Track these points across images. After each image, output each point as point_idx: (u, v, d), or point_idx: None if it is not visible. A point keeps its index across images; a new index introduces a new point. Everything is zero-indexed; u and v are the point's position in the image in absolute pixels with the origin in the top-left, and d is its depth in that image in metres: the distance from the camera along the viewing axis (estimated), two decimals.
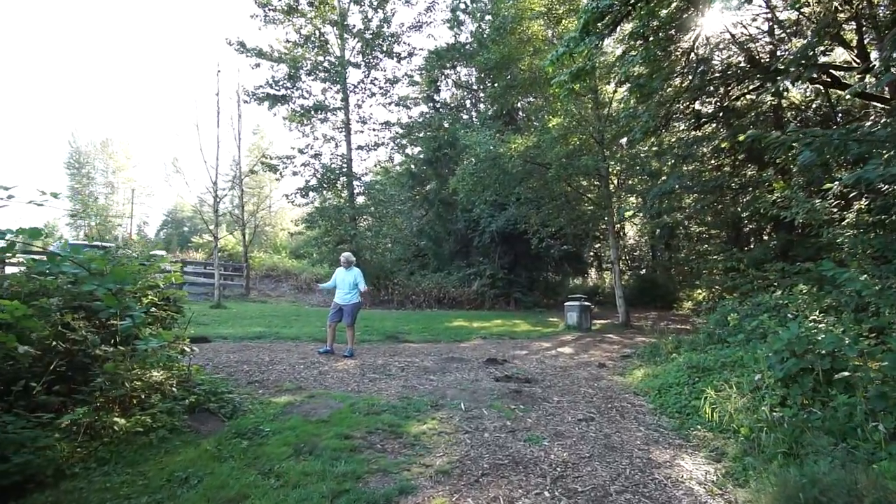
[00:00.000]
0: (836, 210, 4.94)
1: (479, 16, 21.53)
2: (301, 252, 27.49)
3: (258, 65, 20.17)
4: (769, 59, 11.61)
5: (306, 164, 20.89)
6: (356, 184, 21.36)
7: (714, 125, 13.27)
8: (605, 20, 7.74)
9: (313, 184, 20.81)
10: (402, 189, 24.71)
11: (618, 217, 15.34)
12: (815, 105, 13.47)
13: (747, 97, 13.07)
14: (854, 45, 11.44)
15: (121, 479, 2.84)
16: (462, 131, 15.90)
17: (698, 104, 12.32)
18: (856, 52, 11.41)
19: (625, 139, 14.98)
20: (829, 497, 2.23)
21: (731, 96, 12.38)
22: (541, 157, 13.50)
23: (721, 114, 12.65)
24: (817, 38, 7.35)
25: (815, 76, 11.56)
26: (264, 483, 2.92)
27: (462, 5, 22.69)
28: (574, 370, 6.87)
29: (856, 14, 10.23)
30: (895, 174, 3.96)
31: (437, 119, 23.04)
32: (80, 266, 3.05)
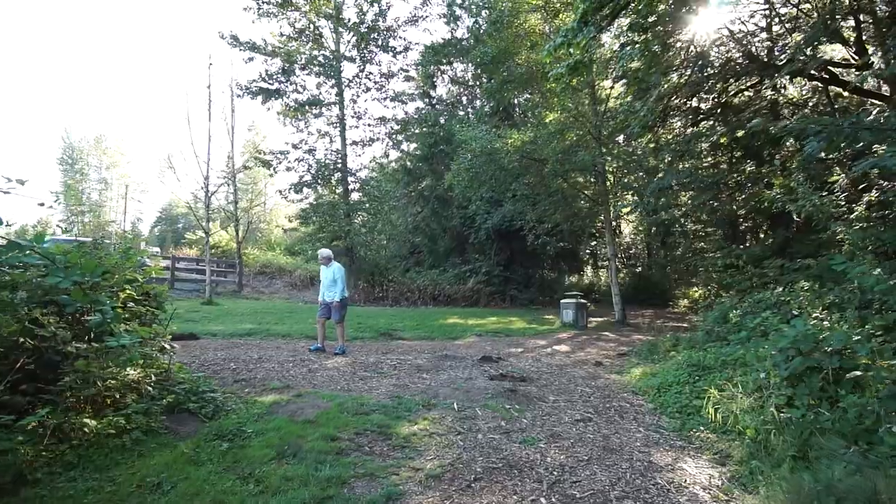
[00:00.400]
0: (844, 204, 4.78)
1: (476, 10, 21.29)
2: (296, 249, 27.24)
3: (251, 59, 19.90)
4: (767, 55, 11.51)
5: (300, 160, 20.63)
6: (351, 179, 21.12)
7: (711, 122, 13.14)
8: (604, 11, 7.58)
9: (307, 179, 20.55)
10: (397, 185, 24.49)
11: (615, 213, 15.19)
12: (812, 102, 13.37)
13: (745, 94, 12.96)
14: (851, 41, 11.36)
15: (87, 486, 2.65)
16: (458, 126, 15.71)
17: (696, 101, 12.20)
18: (854, 48, 11.33)
19: (621, 137, 14.89)
20: None
21: (728, 93, 12.27)
22: (537, 152, 13.33)
23: (718, 110, 12.54)
24: (819, 31, 7.20)
25: (813, 73, 11.48)
26: (242, 489, 2.74)
27: (458, 0, 22.47)
28: (570, 368, 6.71)
29: (854, 10, 10.13)
30: None
31: (433, 115, 22.82)
32: (45, 257, 2.85)
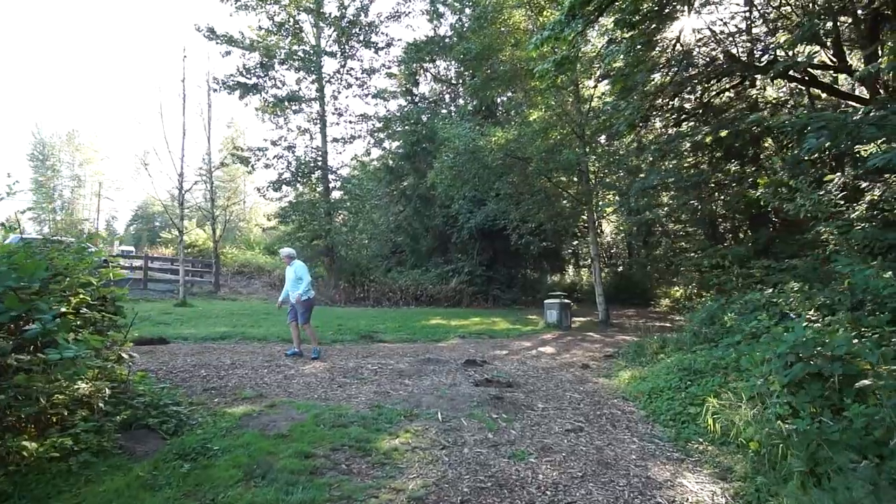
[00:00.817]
0: (843, 203, 4.68)
1: (459, 7, 21.07)
2: (275, 248, 26.70)
3: (229, 52, 19.32)
4: (747, 56, 11.56)
5: (279, 157, 20.13)
6: (331, 177, 20.70)
7: (693, 122, 13.17)
8: (591, 5, 7.43)
9: (287, 177, 20.06)
10: (379, 184, 24.12)
11: (598, 213, 15.12)
12: (790, 104, 13.50)
13: (726, 94, 13.02)
14: (829, 44, 11.47)
15: None
16: (440, 124, 15.47)
17: (678, 101, 12.20)
18: (832, 50, 11.44)
19: (603, 137, 14.82)
20: None
21: (710, 93, 12.31)
22: (521, 150, 13.17)
23: (700, 111, 12.58)
24: (806, 30, 7.16)
25: (793, 74, 11.57)
26: None
27: None
28: (557, 372, 6.53)
29: (833, 13, 10.22)
30: None
31: (416, 112, 22.53)
32: None
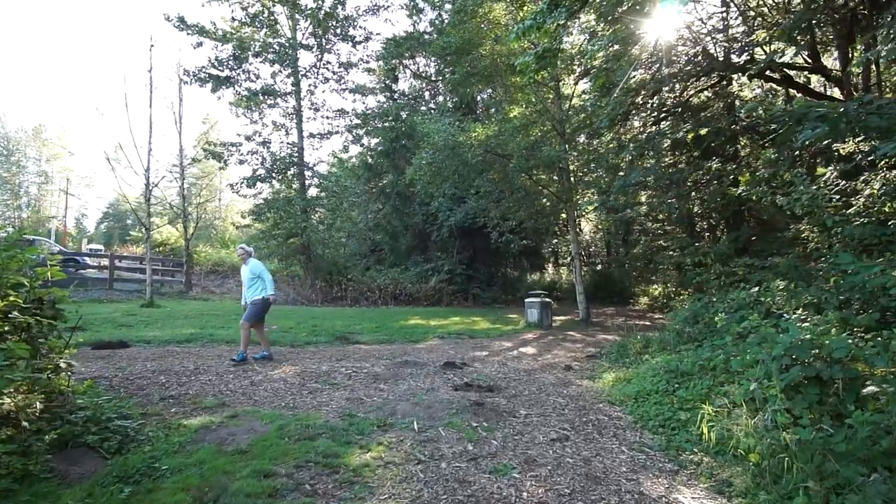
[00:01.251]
0: (838, 197, 4.55)
1: (439, 3, 20.75)
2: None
3: (200, 43, 18.65)
4: (724, 56, 11.59)
5: (253, 153, 19.57)
6: (308, 174, 20.19)
7: (672, 121, 13.19)
8: None
9: (261, 173, 19.48)
10: (357, 181, 23.68)
11: (580, 210, 15.01)
12: (765, 103, 13.65)
13: (704, 94, 13.07)
14: (803, 43, 11.57)
15: None
16: (419, 119, 15.15)
17: (657, 99, 12.18)
18: (807, 51, 11.53)
19: (583, 136, 14.72)
20: None
21: (689, 92, 12.35)
22: (502, 147, 12.95)
23: (679, 109, 12.60)
24: (791, 27, 7.10)
25: (770, 74, 11.65)
26: None
27: None
28: (539, 374, 6.31)
29: (809, 13, 10.29)
30: None
31: (395, 109, 22.14)
32: None
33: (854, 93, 10.22)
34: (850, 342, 3.30)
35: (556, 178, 16.16)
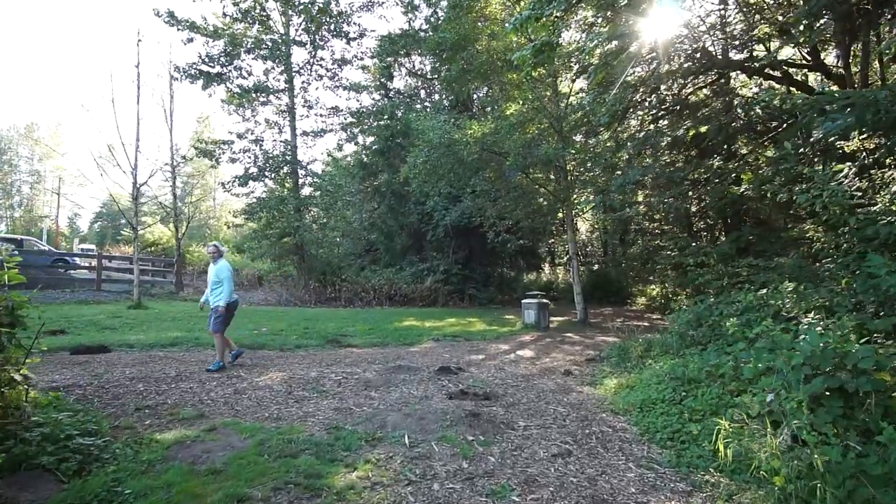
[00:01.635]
0: (860, 195, 4.31)
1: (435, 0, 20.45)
2: (244, 246, 25.72)
3: (191, 39, 18.27)
4: (722, 54, 11.40)
5: (246, 151, 19.22)
6: (301, 172, 19.87)
7: (671, 119, 13.00)
8: None
9: (253, 172, 19.14)
10: (352, 180, 23.38)
11: (578, 209, 14.77)
12: (762, 102, 13.46)
13: (702, 92, 12.87)
14: (802, 41, 11.39)
15: None
16: (414, 115, 14.86)
17: (656, 97, 12.00)
18: (807, 49, 11.35)
19: (580, 136, 14.49)
20: None
21: (688, 89, 12.17)
22: (498, 144, 12.69)
23: (678, 107, 12.42)
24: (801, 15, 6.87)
25: (769, 72, 11.46)
26: None
27: None
28: (538, 379, 6.05)
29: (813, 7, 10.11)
30: None
31: (390, 107, 21.84)
32: None
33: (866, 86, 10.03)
34: (881, 351, 3.07)
35: (552, 176, 15.94)
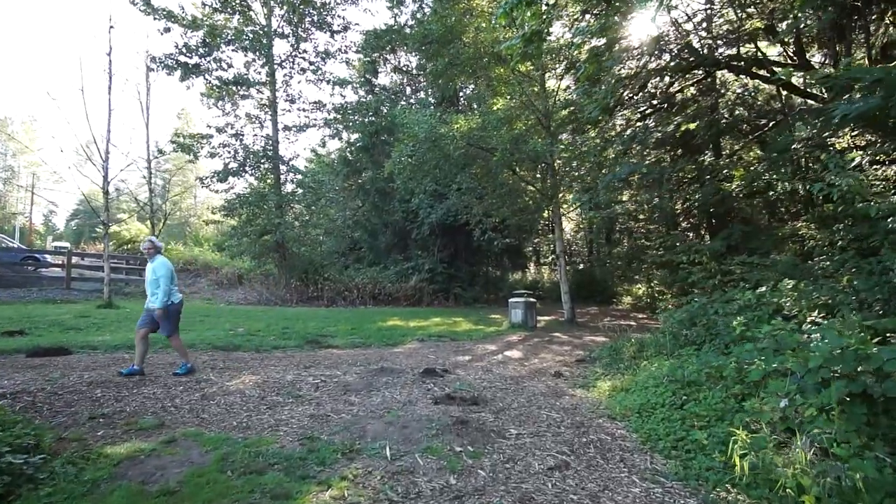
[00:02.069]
0: (881, 183, 4.10)
1: None
2: (224, 244, 25.05)
3: (168, 29, 17.59)
4: (708, 52, 11.32)
5: (225, 145, 18.62)
6: (283, 168, 19.32)
7: (657, 117, 12.89)
8: None
9: (233, 167, 18.56)
10: (336, 177, 22.90)
11: (567, 207, 14.56)
12: (748, 103, 13.47)
13: (689, 91, 12.79)
14: (788, 40, 11.37)
15: None
16: (400, 107, 14.50)
17: (644, 94, 11.87)
18: (792, 48, 11.30)
19: (566, 134, 14.28)
20: None
21: (675, 87, 12.08)
22: (485, 140, 12.41)
23: (666, 105, 12.33)
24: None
25: (755, 71, 11.42)
26: None
27: None
28: (527, 382, 5.76)
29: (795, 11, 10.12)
30: None
31: (375, 103, 21.41)
32: None
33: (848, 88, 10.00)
34: None
35: (538, 175, 15.73)
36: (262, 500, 2.54)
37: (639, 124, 13.16)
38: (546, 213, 19.25)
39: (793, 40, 11.07)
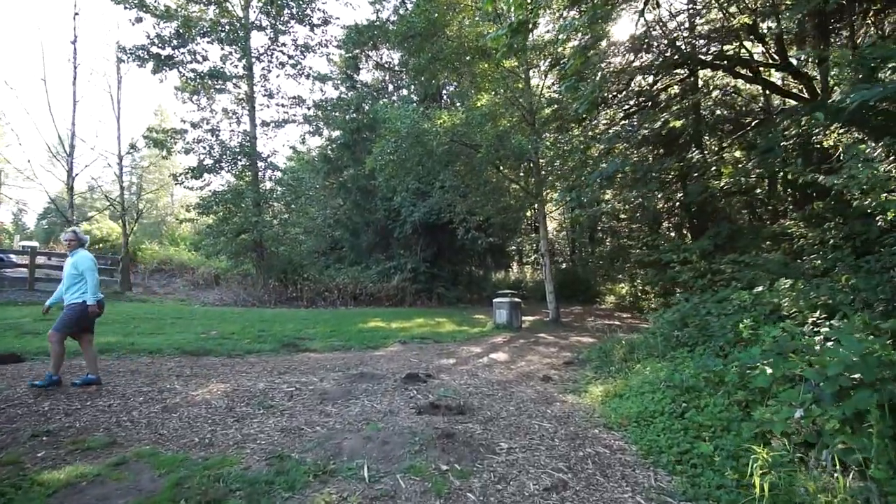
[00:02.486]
0: None
1: None
2: (201, 244, 24.32)
3: (140, 19, 16.87)
4: (690, 50, 11.26)
5: (200, 141, 17.97)
6: (261, 165, 18.74)
7: (641, 114, 12.79)
8: None
9: (209, 163, 17.92)
10: (316, 175, 22.36)
11: (555, 202, 14.33)
12: (730, 102, 13.49)
13: (671, 90, 12.72)
14: (769, 40, 11.37)
15: None
16: (382, 102, 14.12)
17: (628, 93, 11.75)
18: (774, 47, 11.29)
19: (551, 131, 14.08)
20: None
21: (660, 85, 12.00)
22: (469, 136, 12.11)
23: (650, 103, 12.24)
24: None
25: (738, 70, 11.39)
26: None
27: None
28: (516, 387, 5.48)
29: (776, 10, 10.13)
30: None
31: (357, 99, 20.94)
32: None
33: (826, 88, 10.01)
34: None
35: (521, 174, 15.51)
36: None
37: (624, 122, 13.07)
38: (529, 213, 19.09)
39: (774, 41, 11.09)
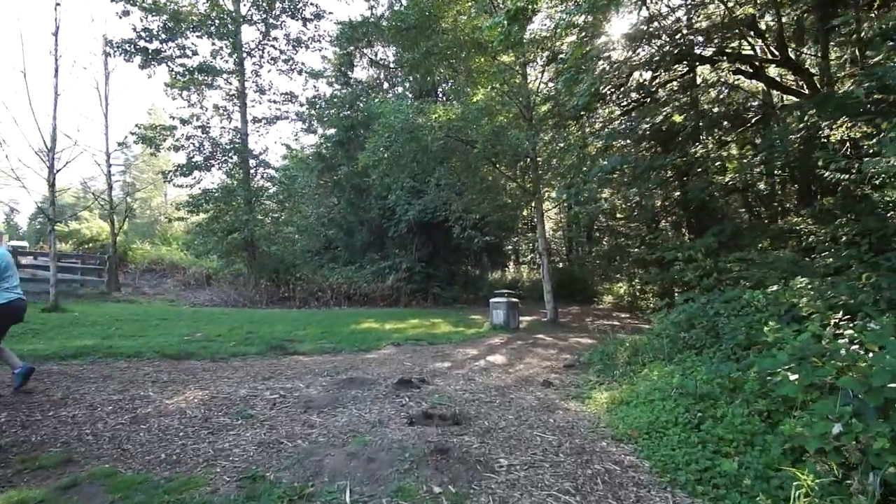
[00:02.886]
0: None
1: None
2: (192, 244, 23.88)
3: (127, 12, 16.44)
4: (688, 46, 11.02)
5: (190, 137, 17.57)
6: (253, 162, 18.35)
7: (640, 110, 12.52)
8: None
9: (198, 160, 17.52)
10: (310, 173, 21.98)
11: (554, 200, 14.04)
12: (728, 101, 13.25)
13: (669, 87, 12.47)
14: (769, 37, 11.14)
15: None
16: (376, 99, 13.76)
17: (626, 90, 11.49)
18: (774, 43, 11.06)
19: (549, 128, 13.77)
20: None
21: (659, 80, 11.76)
22: (465, 131, 11.79)
23: (648, 98, 12.00)
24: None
25: (739, 66, 11.15)
26: None
27: None
28: (514, 392, 5.16)
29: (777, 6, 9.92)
30: None
31: (351, 96, 20.57)
32: None
33: (830, 82, 9.78)
34: None
35: (518, 171, 15.19)
36: None
37: (622, 118, 12.79)
38: (526, 211, 18.79)
39: (774, 36, 10.86)
